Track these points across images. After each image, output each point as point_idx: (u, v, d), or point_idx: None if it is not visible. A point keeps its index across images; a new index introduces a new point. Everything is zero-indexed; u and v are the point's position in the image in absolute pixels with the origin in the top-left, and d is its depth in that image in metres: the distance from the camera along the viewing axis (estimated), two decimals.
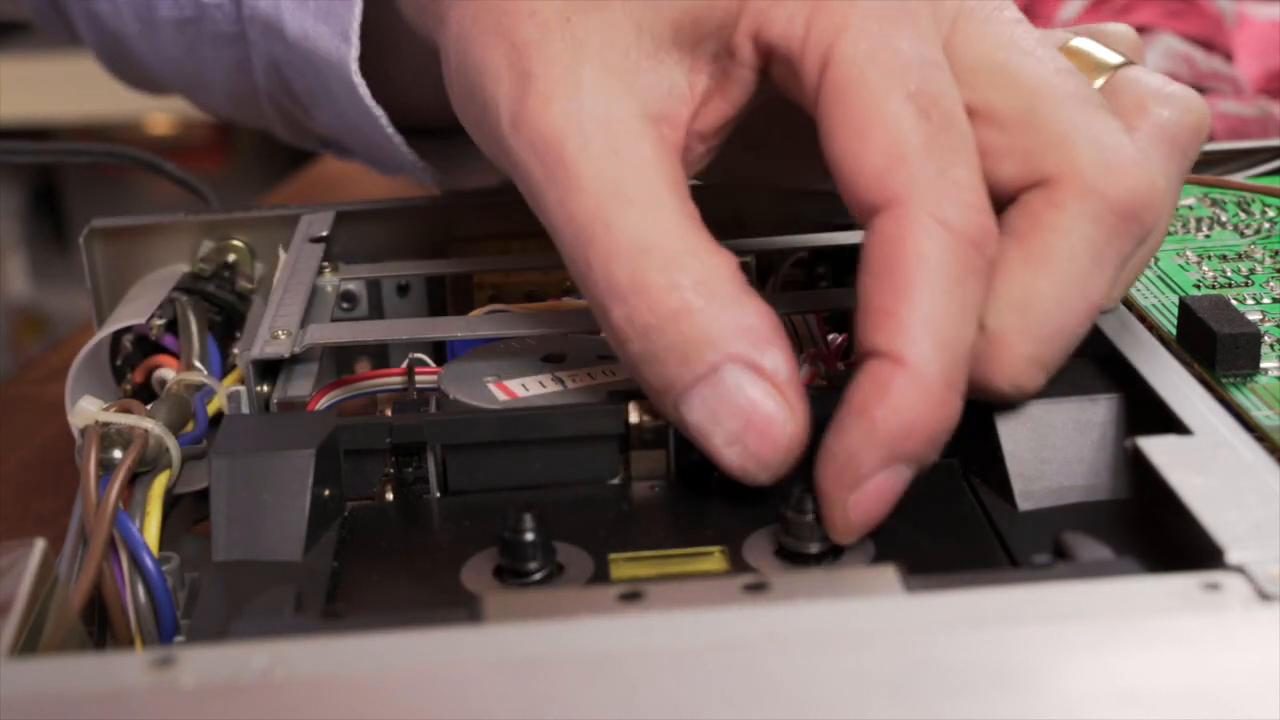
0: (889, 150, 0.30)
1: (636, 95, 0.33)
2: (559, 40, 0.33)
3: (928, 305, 0.30)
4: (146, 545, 0.32)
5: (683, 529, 0.33)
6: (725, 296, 0.31)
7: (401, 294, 0.45)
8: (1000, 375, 0.31)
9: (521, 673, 0.24)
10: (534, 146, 0.32)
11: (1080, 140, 0.32)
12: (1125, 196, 0.31)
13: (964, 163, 0.31)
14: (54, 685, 0.24)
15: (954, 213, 0.30)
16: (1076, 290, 0.31)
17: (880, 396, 0.30)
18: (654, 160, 0.32)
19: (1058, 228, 0.31)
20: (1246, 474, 0.29)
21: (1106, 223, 0.31)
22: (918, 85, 0.31)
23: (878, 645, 0.25)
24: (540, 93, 0.32)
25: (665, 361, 0.31)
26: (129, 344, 0.42)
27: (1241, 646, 0.25)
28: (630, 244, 0.31)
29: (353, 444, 0.34)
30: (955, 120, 0.31)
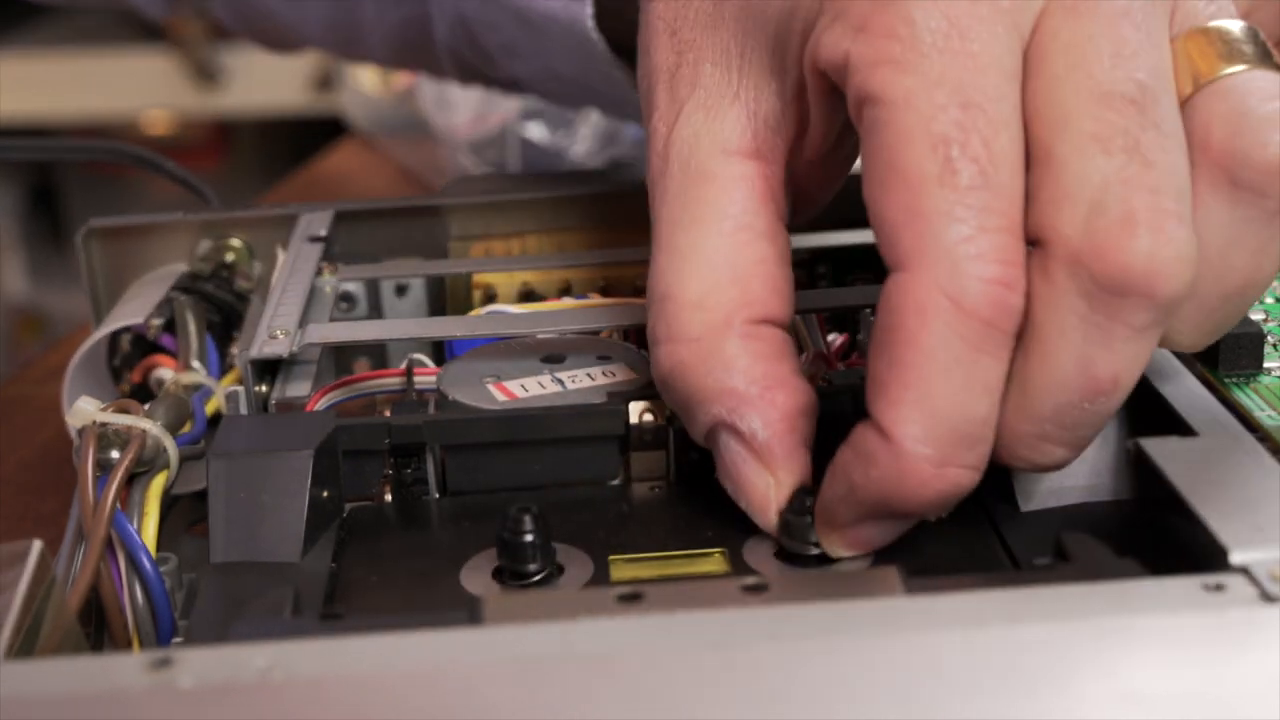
0: (906, 205, 0.28)
1: (725, 127, 0.32)
2: (684, 68, 0.33)
3: (923, 384, 0.28)
4: (144, 546, 0.32)
5: (683, 530, 0.33)
6: (716, 355, 0.31)
7: (400, 294, 0.44)
8: (1007, 454, 0.29)
9: (521, 674, 0.24)
10: (648, 183, 0.34)
11: (1077, 197, 0.28)
12: (1118, 272, 0.27)
13: (995, 227, 0.28)
14: (51, 686, 0.24)
15: (967, 287, 0.27)
16: (1073, 370, 0.28)
17: (862, 464, 0.29)
18: (719, 201, 0.32)
19: (1046, 302, 0.28)
20: (1250, 475, 0.29)
21: (1102, 300, 0.27)
22: (950, 132, 0.28)
23: (878, 647, 0.25)
24: (654, 130, 0.33)
25: (679, 412, 0.32)
26: (127, 344, 0.42)
27: (1244, 647, 0.25)
28: (660, 292, 0.32)
29: (351, 445, 0.34)
30: (995, 173, 0.28)
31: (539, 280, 0.44)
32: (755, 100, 0.32)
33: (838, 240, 0.44)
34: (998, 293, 0.28)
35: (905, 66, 0.28)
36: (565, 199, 0.46)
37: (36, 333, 1.76)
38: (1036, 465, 0.30)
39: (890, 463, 0.28)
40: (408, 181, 0.78)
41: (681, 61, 0.33)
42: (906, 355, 0.28)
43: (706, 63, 0.33)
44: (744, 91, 0.32)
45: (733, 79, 0.33)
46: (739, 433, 0.31)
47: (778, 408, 0.31)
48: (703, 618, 0.26)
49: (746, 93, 0.32)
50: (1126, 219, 0.27)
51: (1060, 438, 0.29)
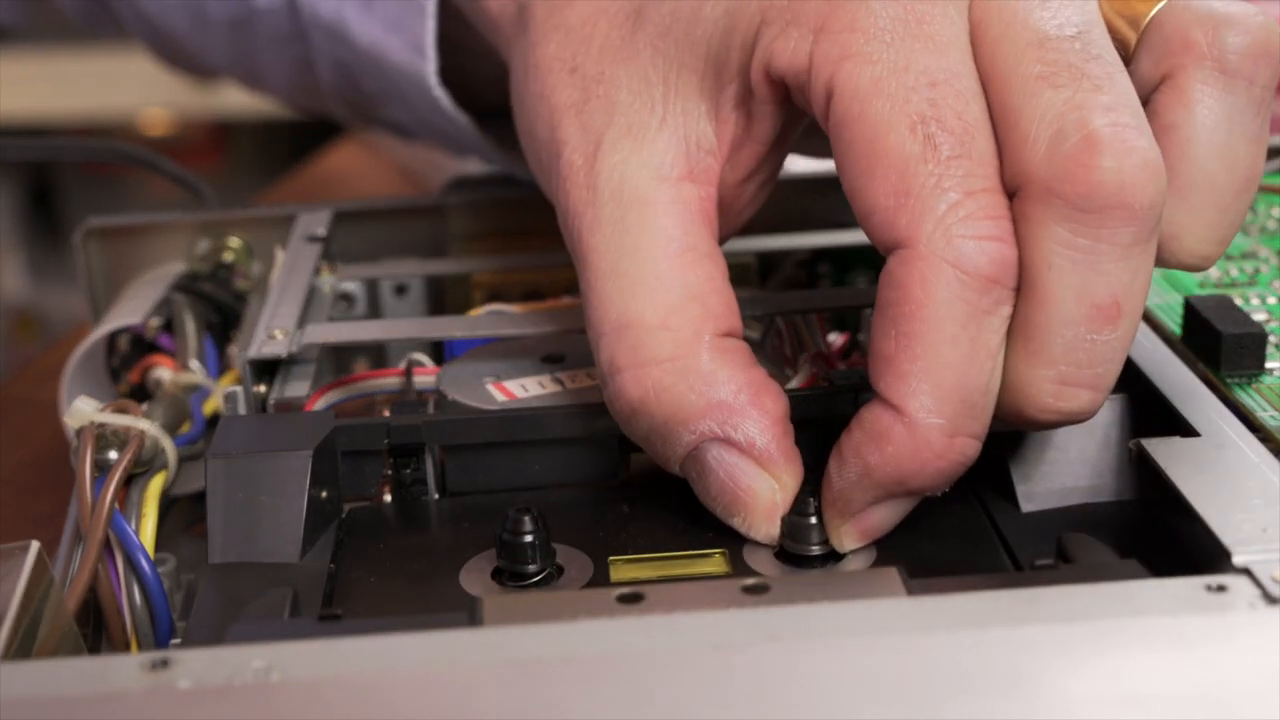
0: (895, 189, 0.29)
1: (656, 154, 0.32)
2: (594, 100, 0.33)
3: (932, 355, 0.28)
4: (142, 547, 0.31)
5: (683, 531, 0.33)
6: (694, 370, 0.31)
7: (399, 294, 0.44)
8: (1030, 408, 0.29)
9: (521, 675, 0.24)
10: (564, 218, 0.33)
11: (1036, 135, 0.29)
12: (1089, 190, 0.28)
13: (980, 188, 0.29)
14: (49, 688, 0.24)
15: (965, 249, 0.28)
16: (1071, 300, 0.29)
17: (875, 444, 0.29)
18: (660, 226, 0.32)
19: (1029, 242, 0.29)
20: (1252, 475, 0.29)
21: (1082, 221, 0.28)
22: (924, 110, 0.29)
23: (879, 647, 0.25)
24: (568, 164, 0.33)
25: (652, 442, 0.32)
26: (125, 344, 0.42)
27: (1246, 648, 0.24)
28: (614, 321, 0.31)
29: (350, 445, 0.34)
30: (971, 140, 0.29)
31: (539, 280, 0.44)
32: (685, 124, 0.32)
33: (838, 240, 0.44)
34: (994, 248, 0.29)
35: (871, 57, 0.29)
36: None
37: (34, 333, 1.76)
38: (1065, 414, 0.29)
39: (904, 437, 0.29)
40: (407, 181, 0.78)
41: (590, 95, 0.33)
42: (914, 327, 0.29)
43: (623, 91, 0.33)
44: (671, 116, 0.32)
45: (656, 105, 0.33)
46: (734, 444, 0.31)
47: (769, 413, 0.31)
48: (703, 618, 0.25)
49: (674, 117, 0.32)
50: (1087, 140, 0.28)
51: (1080, 378, 0.29)
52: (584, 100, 0.33)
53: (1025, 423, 0.30)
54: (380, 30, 0.47)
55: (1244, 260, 0.41)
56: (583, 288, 0.32)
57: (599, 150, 0.33)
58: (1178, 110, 0.31)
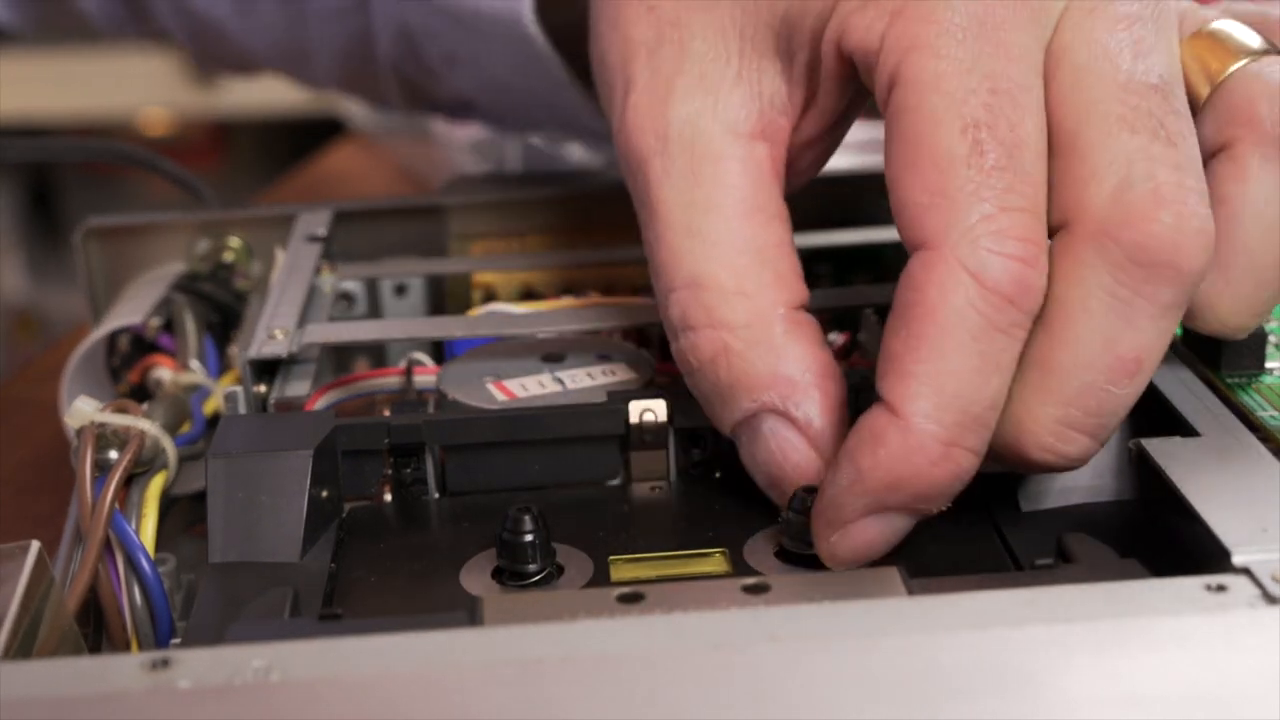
0: (932, 187, 0.28)
1: (731, 109, 0.32)
2: (668, 44, 0.33)
3: (937, 360, 0.28)
4: (143, 547, 0.31)
5: (683, 530, 0.33)
6: (766, 342, 0.31)
7: (399, 294, 0.44)
8: (1029, 444, 0.29)
9: (521, 675, 0.24)
10: (628, 160, 0.33)
11: (1104, 174, 0.29)
12: (1144, 242, 0.28)
13: (1018, 206, 0.28)
14: (49, 688, 0.24)
15: (988, 262, 0.28)
16: (1098, 347, 0.28)
17: (870, 446, 0.29)
18: (734, 184, 0.32)
19: (1070, 279, 0.28)
20: (1251, 475, 0.29)
21: (1128, 274, 0.28)
22: (979, 115, 0.28)
23: (880, 647, 0.25)
24: (635, 105, 0.33)
25: (710, 401, 0.32)
26: (125, 344, 0.42)
27: (1246, 648, 0.24)
28: (687, 278, 0.31)
29: (351, 444, 0.34)
30: (1019, 155, 0.28)
31: (539, 280, 0.44)
32: (759, 81, 0.32)
33: (838, 240, 0.44)
34: (1019, 270, 0.28)
35: (939, 51, 0.29)
36: (565, 199, 0.46)
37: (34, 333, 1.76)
38: (1061, 456, 0.29)
39: (898, 440, 0.28)
40: (407, 181, 0.78)
41: (664, 38, 0.33)
42: (924, 330, 0.28)
43: (697, 40, 0.33)
44: (746, 72, 0.32)
45: (732, 59, 0.32)
46: (792, 420, 0.31)
47: (830, 396, 0.31)
48: (703, 618, 0.25)
49: (750, 73, 0.32)
50: (1154, 192, 0.28)
51: (1084, 424, 0.29)
52: (657, 41, 0.33)
53: (1017, 459, 0.30)
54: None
55: None
56: (649, 238, 0.32)
57: (670, 97, 0.32)
58: (1233, 183, 0.30)
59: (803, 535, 0.31)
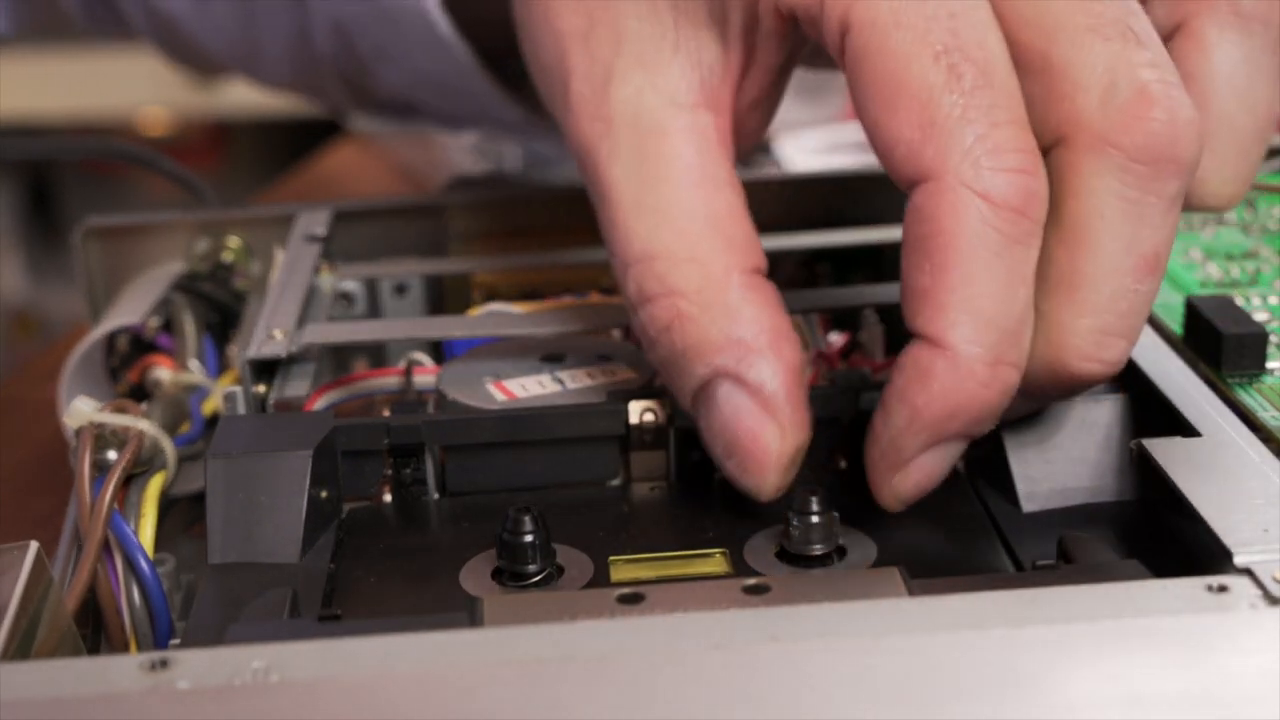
0: (920, 120, 0.29)
1: (671, 81, 0.32)
2: (601, 28, 0.33)
3: (968, 284, 0.29)
4: (141, 547, 0.31)
5: (683, 531, 0.33)
6: (720, 305, 0.31)
7: (399, 293, 0.44)
8: (1075, 358, 0.30)
9: (521, 676, 0.24)
10: (578, 151, 0.33)
11: (1089, 84, 0.29)
12: (1144, 142, 0.29)
13: (1005, 120, 0.29)
14: (48, 689, 0.24)
15: (993, 181, 0.28)
16: (1120, 251, 0.29)
17: (922, 382, 0.29)
18: (680, 155, 0.32)
19: (1080, 192, 0.29)
20: (1253, 475, 0.29)
21: (1135, 173, 0.29)
22: (946, 41, 0.29)
23: (880, 647, 0.25)
24: (578, 95, 0.33)
25: (670, 372, 0.32)
26: (124, 344, 0.42)
27: (1248, 649, 0.24)
28: (640, 252, 0.31)
29: (350, 445, 0.34)
30: (993, 71, 0.29)
31: (539, 280, 0.44)
32: (697, 50, 0.32)
33: (838, 240, 0.44)
34: (1023, 180, 0.29)
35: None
36: (565, 199, 0.46)
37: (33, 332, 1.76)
38: (1104, 363, 0.30)
39: (948, 371, 0.29)
40: (407, 181, 0.78)
41: (595, 21, 0.33)
42: (948, 259, 0.29)
43: (630, 18, 0.32)
44: (684, 42, 0.32)
45: (668, 32, 0.32)
46: (745, 383, 0.30)
47: (784, 359, 0.31)
48: (703, 618, 0.25)
49: (686, 43, 0.32)
50: (1141, 93, 0.29)
51: (1119, 327, 0.30)
52: (589, 27, 0.33)
53: (1062, 376, 0.30)
54: None
55: (1245, 260, 0.41)
56: (603, 221, 0.32)
57: (610, 80, 0.32)
58: (1196, 58, 0.31)
59: (804, 535, 0.31)
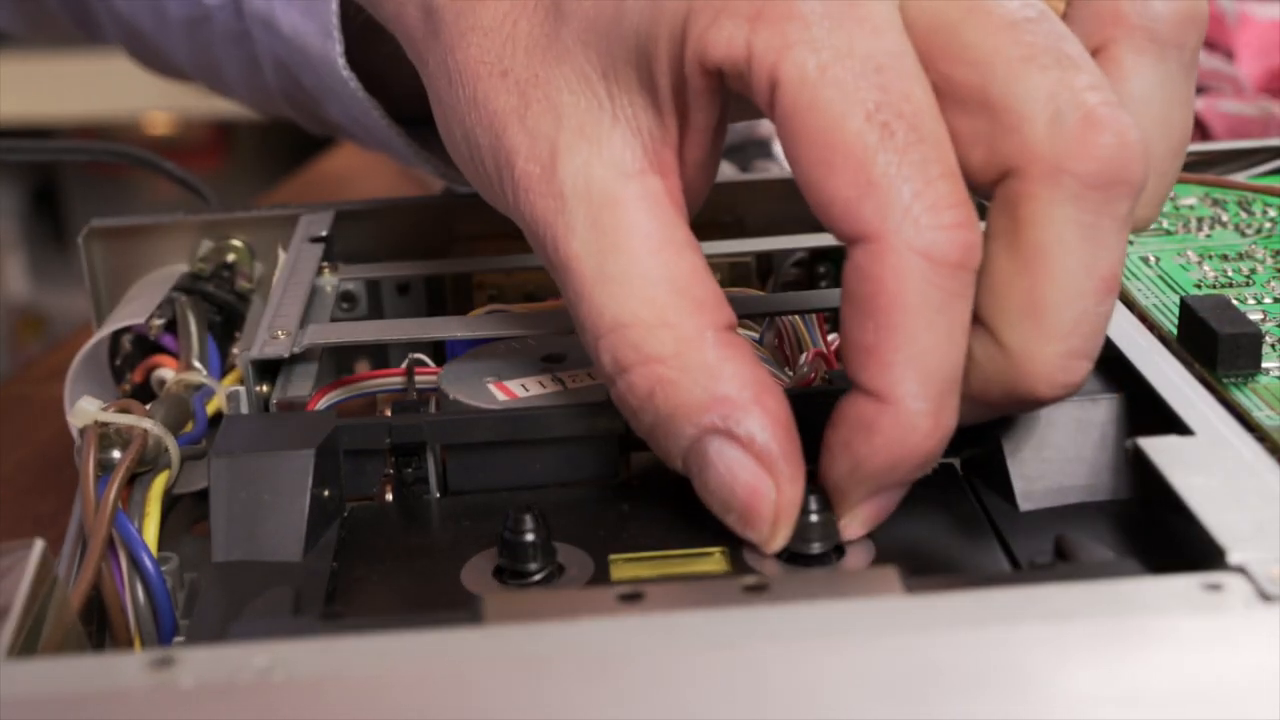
0: (856, 180, 0.29)
1: (615, 151, 0.32)
2: (535, 104, 0.32)
3: (912, 343, 0.29)
4: (146, 545, 0.32)
5: (683, 529, 0.33)
6: (699, 366, 0.31)
7: (401, 294, 0.44)
8: (1042, 385, 0.30)
9: (522, 674, 0.24)
10: (533, 230, 0.33)
11: (1035, 115, 0.29)
12: (1097, 168, 0.29)
13: (939, 174, 0.29)
14: (53, 686, 0.24)
15: (934, 239, 0.28)
16: (1082, 275, 0.29)
17: (865, 436, 0.29)
18: (636, 222, 0.31)
19: (1038, 222, 0.29)
20: (1248, 474, 0.29)
21: (1089, 200, 0.29)
22: (877, 97, 0.28)
23: (878, 646, 0.25)
24: (526, 174, 0.32)
25: (656, 437, 0.32)
26: (128, 344, 0.42)
27: (1243, 647, 0.24)
28: (610, 323, 0.31)
29: (352, 444, 0.34)
30: (923, 124, 0.29)
31: (540, 280, 0.44)
32: (634, 117, 0.32)
33: (838, 240, 0.44)
34: (961, 235, 0.29)
35: (813, 44, 0.29)
36: None
37: (38, 333, 1.77)
38: (1069, 386, 0.30)
39: (893, 426, 0.29)
40: (408, 181, 0.78)
41: (529, 99, 0.32)
42: (892, 319, 0.29)
43: (564, 93, 0.32)
44: (620, 111, 0.32)
45: (604, 102, 0.32)
46: (736, 438, 0.30)
47: (770, 411, 0.31)
48: (703, 617, 0.25)
49: (623, 112, 0.32)
50: (1086, 118, 0.29)
51: (1083, 349, 0.30)
52: (524, 105, 0.32)
53: (1027, 401, 0.30)
54: (299, 15, 0.47)
55: (1240, 261, 0.41)
56: (569, 296, 0.32)
57: (556, 157, 0.32)
58: (1114, 84, 0.31)
59: (803, 534, 0.31)
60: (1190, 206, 0.45)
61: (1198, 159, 0.48)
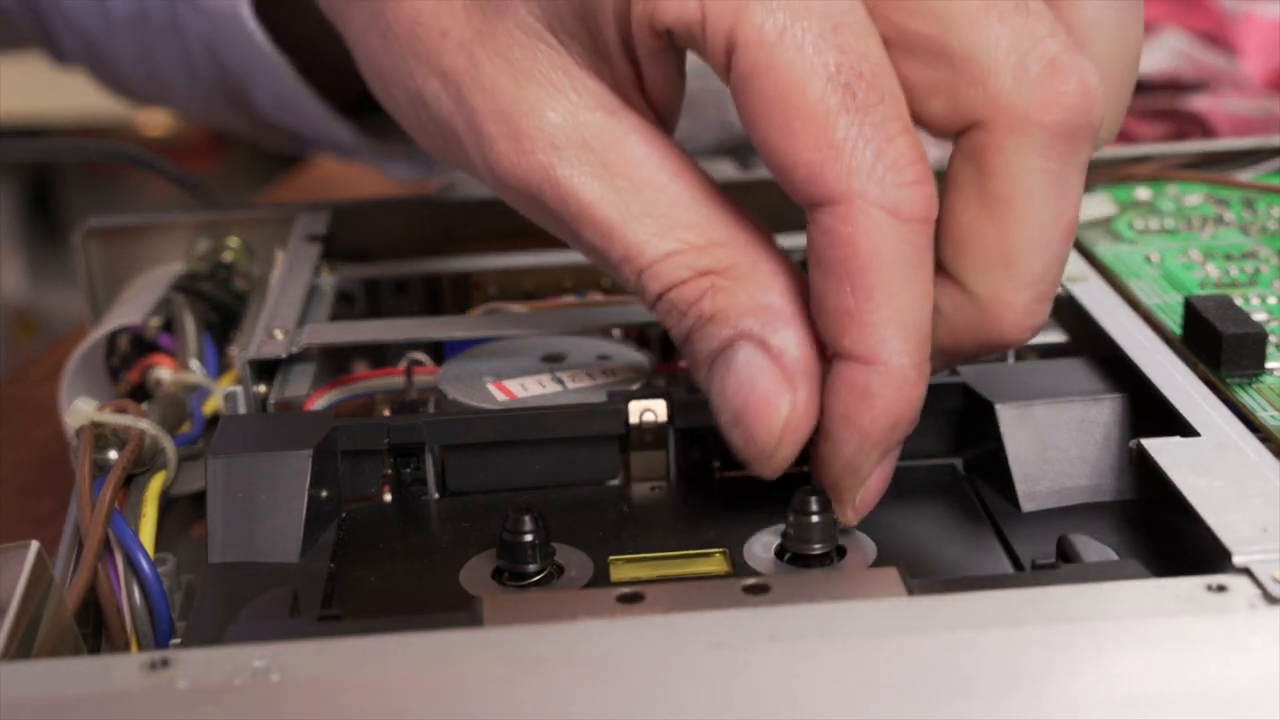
0: (818, 142, 0.28)
1: (592, 92, 0.31)
2: (487, 62, 0.31)
3: (890, 300, 0.29)
4: (142, 546, 0.31)
5: (683, 530, 0.33)
6: (751, 275, 0.30)
7: (399, 293, 0.44)
8: (1011, 330, 0.30)
9: (521, 675, 0.24)
10: (527, 186, 0.32)
11: (999, 67, 0.29)
12: (1063, 117, 0.29)
13: (899, 131, 0.29)
14: (49, 688, 0.24)
15: (900, 196, 0.28)
16: (1050, 222, 0.29)
17: (865, 403, 0.29)
18: (645, 155, 0.31)
19: (1006, 173, 0.29)
20: (1252, 475, 0.29)
21: (1056, 149, 0.29)
22: (837, 59, 0.28)
23: (880, 647, 0.25)
24: (502, 136, 0.31)
25: (691, 339, 0.31)
26: (125, 344, 0.42)
27: (1247, 648, 0.24)
28: (655, 254, 0.31)
29: (350, 444, 0.34)
30: (881, 82, 0.29)
31: (539, 280, 0.44)
32: (595, 64, 0.31)
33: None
34: (924, 190, 0.29)
35: (771, 5, 0.28)
36: None
37: (34, 332, 1.76)
38: (1035, 329, 0.30)
39: (887, 386, 0.29)
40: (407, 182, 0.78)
41: (478, 59, 0.31)
42: (870, 279, 0.29)
43: (514, 49, 0.31)
44: (580, 59, 0.31)
45: (559, 53, 0.31)
46: (767, 347, 0.30)
47: (808, 332, 0.30)
48: (703, 618, 0.25)
49: (583, 59, 0.31)
50: (1050, 66, 0.29)
51: (1049, 293, 0.30)
52: (473, 65, 0.32)
53: (995, 346, 0.31)
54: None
55: (1244, 260, 0.41)
56: (593, 240, 0.31)
57: (533, 111, 0.31)
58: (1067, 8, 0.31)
59: (803, 535, 0.31)
60: (1194, 206, 0.45)
61: (1202, 158, 0.48)
